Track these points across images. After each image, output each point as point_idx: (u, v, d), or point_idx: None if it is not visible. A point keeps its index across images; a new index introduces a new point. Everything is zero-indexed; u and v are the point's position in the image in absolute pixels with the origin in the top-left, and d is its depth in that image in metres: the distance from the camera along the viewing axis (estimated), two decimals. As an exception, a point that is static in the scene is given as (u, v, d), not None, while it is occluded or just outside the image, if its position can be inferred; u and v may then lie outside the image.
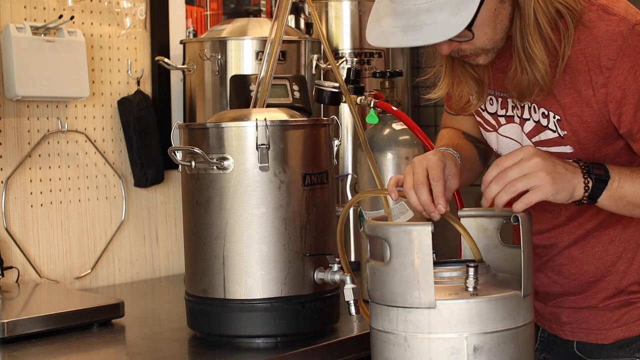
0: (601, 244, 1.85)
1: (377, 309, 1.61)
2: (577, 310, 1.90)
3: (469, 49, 1.71)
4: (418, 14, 1.60)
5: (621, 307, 1.85)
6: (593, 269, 1.86)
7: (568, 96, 1.74)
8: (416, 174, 1.70)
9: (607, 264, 1.85)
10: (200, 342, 2.00)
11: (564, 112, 1.75)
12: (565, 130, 1.76)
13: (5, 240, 2.52)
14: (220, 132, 1.92)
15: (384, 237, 1.57)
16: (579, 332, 1.90)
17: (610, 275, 1.85)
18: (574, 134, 1.75)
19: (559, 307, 1.92)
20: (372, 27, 1.68)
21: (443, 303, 1.54)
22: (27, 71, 2.49)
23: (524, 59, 1.69)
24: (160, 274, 2.90)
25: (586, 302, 1.88)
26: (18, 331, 2.01)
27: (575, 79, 1.72)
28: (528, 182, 1.61)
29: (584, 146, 1.76)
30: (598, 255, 1.86)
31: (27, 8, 2.57)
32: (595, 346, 1.87)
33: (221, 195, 1.91)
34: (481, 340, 1.54)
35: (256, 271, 1.90)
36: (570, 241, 1.87)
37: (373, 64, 3.02)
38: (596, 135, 1.75)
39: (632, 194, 1.69)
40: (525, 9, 1.67)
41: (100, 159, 2.74)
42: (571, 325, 1.90)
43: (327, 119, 2.02)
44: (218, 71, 2.68)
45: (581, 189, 1.66)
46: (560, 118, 1.75)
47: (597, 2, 1.72)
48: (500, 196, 1.61)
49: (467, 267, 1.57)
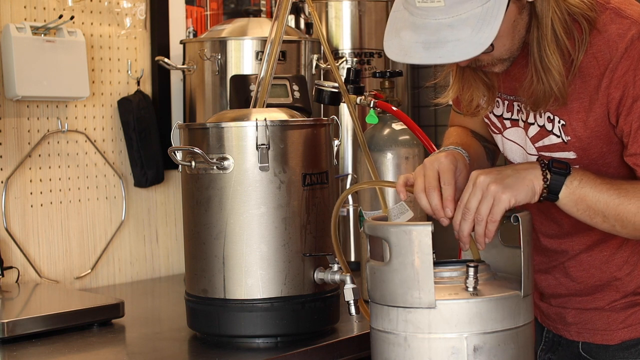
0: (610, 248, 1.85)
1: (377, 309, 1.61)
2: (583, 311, 1.89)
3: (486, 60, 1.71)
4: (439, 30, 1.58)
5: (627, 308, 1.84)
6: (600, 272, 1.86)
7: (576, 101, 1.73)
8: (427, 177, 1.69)
9: (614, 268, 1.85)
10: (200, 342, 2.00)
11: (570, 117, 1.74)
12: (569, 135, 1.75)
13: (5, 240, 2.52)
14: (220, 132, 1.92)
15: (384, 237, 1.57)
16: (584, 332, 1.89)
17: (617, 278, 1.85)
18: (578, 140, 1.74)
19: (564, 307, 1.91)
20: (391, 40, 1.66)
21: (443, 303, 1.54)
22: (27, 71, 2.49)
23: (541, 69, 1.68)
24: (160, 274, 2.90)
25: (592, 303, 1.87)
26: (18, 331, 2.01)
27: (585, 83, 1.71)
28: (486, 202, 1.61)
29: (587, 152, 1.75)
30: (606, 259, 1.85)
31: (27, 8, 2.57)
32: (601, 347, 1.86)
33: (221, 195, 1.91)
34: (481, 340, 1.54)
35: (256, 271, 1.90)
36: (582, 248, 1.87)
37: (373, 64, 3.02)
38: (600, 140, 1.74)
39: (593, 199, 1.66)
40: (543, 20, 1.66)
41: (100, 159, 2.74)
42: (577, 326, 1.90)
43: (327, 119, 2.02)
44: (218, 71, 2.68)
45: (540, 182, 1.65)
46: (565, 123, 1.75)
47: (611, 5, 1.70)
48: (477, 231, 1.63)
49: (467, 267, 1.57)
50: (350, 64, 2.97)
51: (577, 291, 1.89)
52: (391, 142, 2.28)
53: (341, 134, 2.10)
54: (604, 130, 1.73)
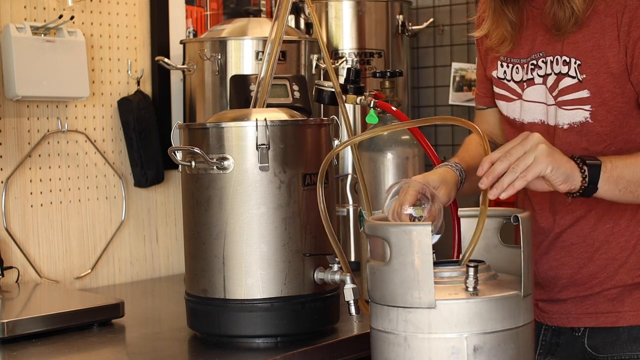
0: (612, 220, 1.88)
1: (377, 309, 1.61)
2: (585, 297, 1.89)
3: None
4: None
5: (634, 290, 1.85)
6: (600, 242, 1.88)
7: (591, 40, 1.81)
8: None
9: (617, 246, 1.87)
10: (200, 342, 2.00)
11: (585, 57, 1.82)
12: (584, 74, 1.82)
13: (5, 240, 2.52)
14: (220, 132, 1.92)
15: (384, 237, 1.57)
16: (585, 318, 1.89)
17: (619, 254, 1.87)
18: (593, 77, 1.81)
19: (566, 289, 1.92)
20: None
21: (443, 303, 1.54)
22: (27, 71, 2.49)
23: None
24: (160, 274, 2.90)
25: (596, 287, 1.88)
26: (18, 331, 2.01)
27: (602, 21, 1.80)
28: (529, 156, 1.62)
29: (601, 90, 1.81)
30: (609, 231, 1.88)
31: (27, 8, 2.57)
32: (608, 340, 1.86)
33: (221, 195, 1.91)
34: (481, 340, 1.54)
35: (256, 271, 1.91)
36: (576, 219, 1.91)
37: (373, 64, 3.02)
38: (613, 79, 1.80)
39: (629, 172, 1.72)
40: None
41: (100, 159, 2.74)
42: (581, 307, 1.90)
43: (327, 119, 2.03)
44: (218, 71, 2.68)
45: (578, 175, 1.69)
46: (580, 63, 1.82)
47: None
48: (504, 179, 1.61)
49: (467, 267, 1.57)
50: (350, 64, 2.97)
51: (580, 269, 1.89)
52: (391, 142, 2.28)
53: (341, 134, 2.10)
54: (618, 71, 1.80)
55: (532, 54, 1.91)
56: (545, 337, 1.97)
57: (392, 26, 3.09)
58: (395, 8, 3.10)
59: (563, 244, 1.91)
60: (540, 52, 1.90)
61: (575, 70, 1.83)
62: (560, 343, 1.94)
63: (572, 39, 1.84)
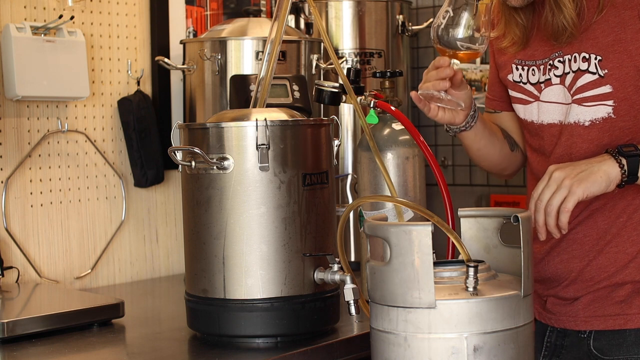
0: (626, 214, 1.89)
1: (377, 309, 1.61)
2: (594, 298, 1.89)
3: None
4: None
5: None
6: (612, 235, 1.89)
7: (611, 34, 1.82)
8: None
9: (628, 239, 1.88)
10: (200, 342, 2.00)
11: (605, 51, 1.83)
12: (606, 69, 1.83)
13: (5, 240, 2.52)
14: (220, 132, 1.92)
15: (384, 237, 1.57)
16: (593, 320, 1.89)
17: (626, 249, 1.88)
18: (616, 71, 1.82)
19: (574, 283, 1.91)
20: None
21: (443, 303, 1.54)
22: (27, 71, 2.49)
23: (553, 5, 1.85)
24: (160, 274, 2.90)
25: (604, 281, 1.87)
26: (18, 331, 2.01)
27: (621, 14, 1.81)
28: (559, 194, 1.71)
29: (624, 84, 1.82)
30: (623, 225, 1.89)
31: (27, 8, 2.57)
32: (614, 342, 1.85)
33: (221, 195, 1.91)
34: (481, 340, 1.54)
35: (256, 271, 1.91)
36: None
37: (373, 64, 3.02)
38: (637, 71, 1.81)
39: None
40: None
41: (100, 159, 2.74)
42: (590, 310, 1.89)
43: (327, 119, 2.02)
44: (218, 71, 2.68)
45: (616, 170, 1.73)
46: (601, 58, 1.83)
47: None
48: (548, 223, 1.73)
49: (467, 267, 1.57)
50: (350, 64, 2.97)
51: (589, 263, 1.89)
52: (391, 142, 2.28)
53: (341, 134, 2.10)
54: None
55: (549, 55, 1.92)
56: (550, 338, 1.96)
57: (392, 26, 3.09)
58: (395, 8, 3.10)
59: (576, 236, 1.91)
60: (557, 51, 1.91)
61: (596, 66, 1.83)
62: (566, 345, 1.93)
63: (590, 34, 1.84)
